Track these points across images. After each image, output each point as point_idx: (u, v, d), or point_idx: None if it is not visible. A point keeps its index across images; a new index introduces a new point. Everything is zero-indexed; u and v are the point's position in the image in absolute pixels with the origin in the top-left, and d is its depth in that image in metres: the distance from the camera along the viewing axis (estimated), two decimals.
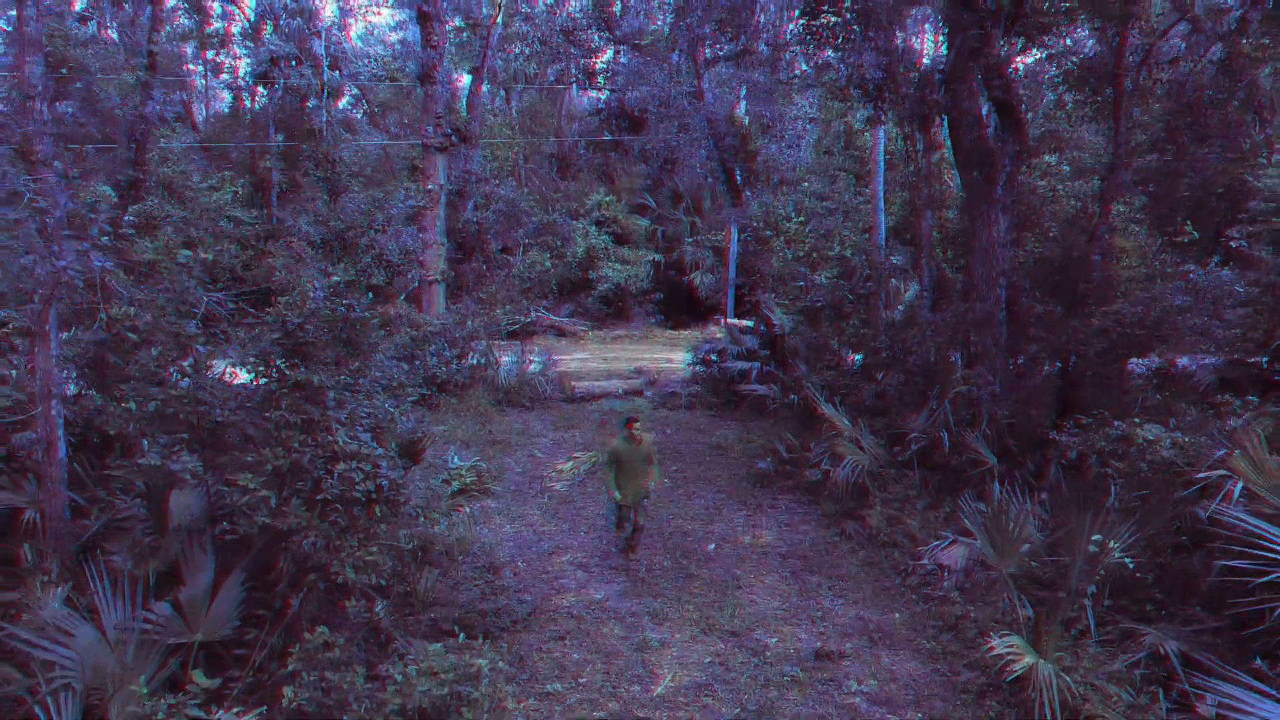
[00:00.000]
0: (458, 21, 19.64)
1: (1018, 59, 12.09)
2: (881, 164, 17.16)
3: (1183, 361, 14.71)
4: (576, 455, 13.77)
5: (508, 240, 21.25)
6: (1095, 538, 6.82)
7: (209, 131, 30.02)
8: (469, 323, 16.02)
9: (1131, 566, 6.69)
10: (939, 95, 12.35)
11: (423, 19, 16.41)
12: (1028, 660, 6.28)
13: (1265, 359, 13.06)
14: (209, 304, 6.05)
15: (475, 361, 16.75)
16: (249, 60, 28.40)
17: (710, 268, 26.64)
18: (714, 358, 18.08)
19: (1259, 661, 5.53)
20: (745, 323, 19.76)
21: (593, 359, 22.17)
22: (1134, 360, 12.23)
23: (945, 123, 12.75)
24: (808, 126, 19.58)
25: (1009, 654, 6.30)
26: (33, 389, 6.72)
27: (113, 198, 12.17)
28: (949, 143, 13.00)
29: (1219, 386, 12.56)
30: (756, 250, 16.05)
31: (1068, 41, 12.66)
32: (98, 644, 4.99)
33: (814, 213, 21.96)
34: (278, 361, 5.37)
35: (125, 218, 8.13)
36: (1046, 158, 14.05)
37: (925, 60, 12.73)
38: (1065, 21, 11.81)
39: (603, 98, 30.36)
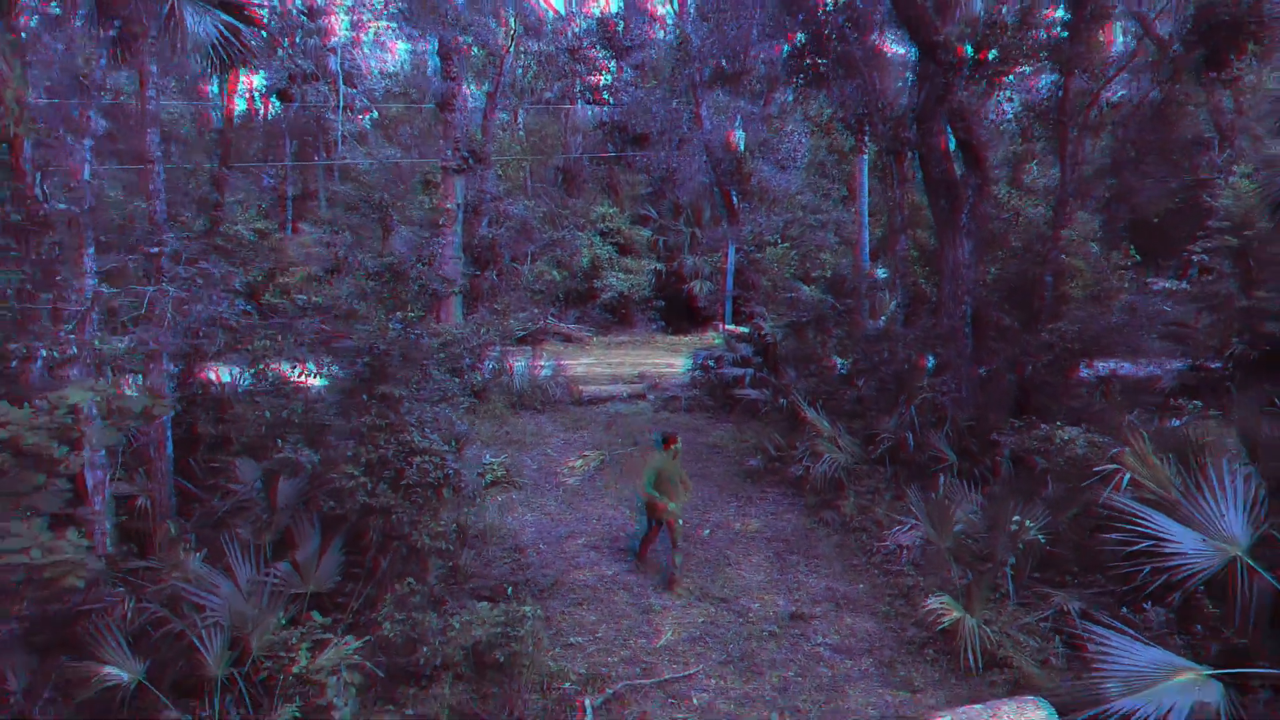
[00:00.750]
0: (475, 50, 21.23)
1: (979, 102, 13.72)
2: (865, 186, 18.83)
3: (1151, 368, 16.39)
4: (586, 454, 15.44)
5: (517, 253, 22.93)
6: (1015, 518, 8.50)
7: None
8: (484, 331, 17.66)
9: (1043, 541, 8.37)
10: (910, 133, 14.00)
11: (443, 55, 18.06)
12: (955, 615, 7.95)
13: (1219, 365, 14.70)
14: (306, 330, 7.67)
15: (491, 368, 18.40)
16: (263, 74, 30.13)
17: (709, 276, 28.34)
18: (711, 364, 19.72)
19: (1125, 610, 7.19)
20: (741, 329, 21.42)
21: (598, 364, 23.81)
22: (1102, 365, 13.89)
23: (916, 157, 14.42)
24: (803, 141, 21.23)
25: (940, 609, 7.97)
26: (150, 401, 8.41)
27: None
28: (920, 174, 14.69)
29: (1179, 391, 14.24)
30: (750, 265, 17.73)
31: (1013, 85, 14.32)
32: (235, 594, 6.64)
33: (806, 226, 23.72)
34: (365, 376, 7.03)
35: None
36: (1005, 187, 15.67)
37: (902, 99, 14.32)
38: (1020, 70, 13.47)
39: (606, 110, 32.05)
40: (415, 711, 6.15)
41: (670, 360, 23.74)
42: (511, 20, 20.74)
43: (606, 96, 30.14)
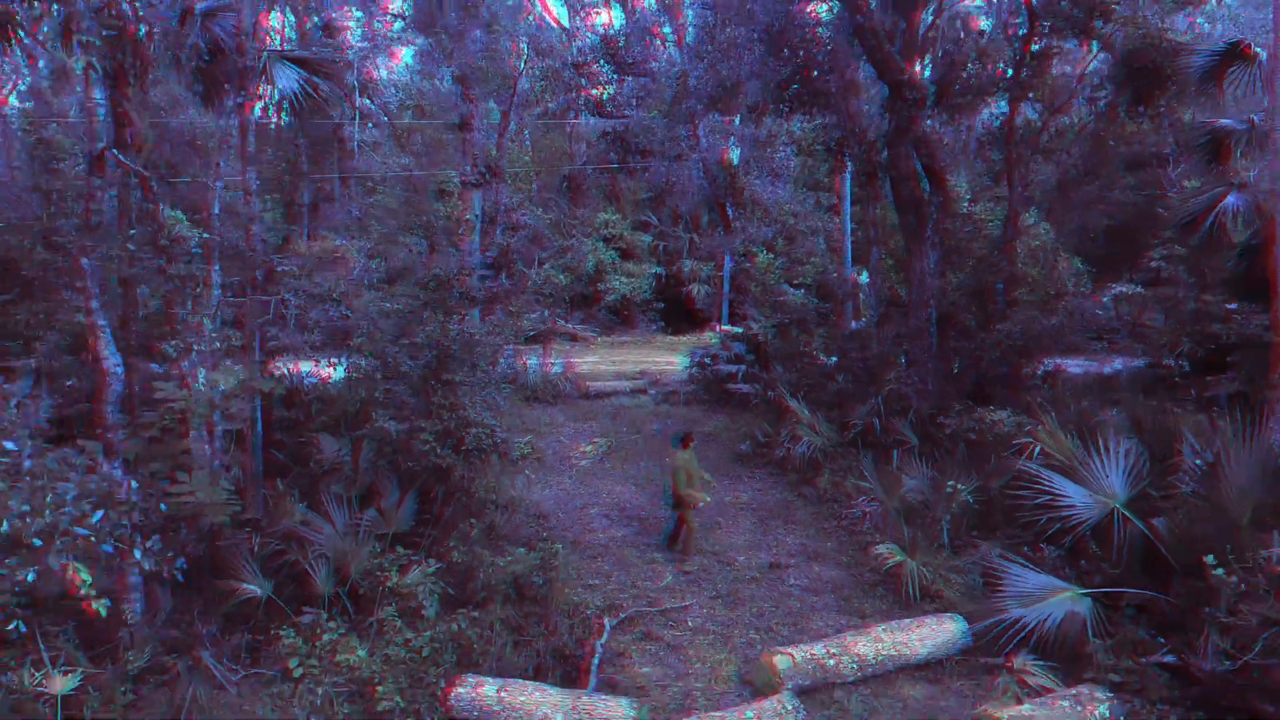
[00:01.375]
0: (489, 74, 23.24)
1: (941, 130, 15.80)
2: (848, 199, 20.91)
3: (1116, 364, 18.45)
4: (595, 441, 17.50)
5: (528, 259, 25.02)
6: (951, 484, 10.57)
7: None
8: (502, 331, 19.68)
9: (972, 501, 10.45)
10: (882, 157, 16.11)
11: (462, 82, 20.11)
12: (899, 559, 10.02)
13: (1173, 362, 16.72)
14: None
15: (506, 364, 20.48)
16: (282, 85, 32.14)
17: (706, 280, 30.45)
18: (708, 361, 21.79)
19: (1026, 549, 9.26)
20: (735, 330, 23.50)
21: (602, 362, 25.88)
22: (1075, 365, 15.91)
23: (888, 178, 16.50)
24: (791, 158, 23.31)
25: (886, 554, 10.05)
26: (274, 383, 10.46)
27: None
28: (891, 193, 16.77)
29: (1133, 385, 16.29)
30: (741, 271, 19.82)
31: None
32: (334, 533, 8.67)
33: (797, 233, 25.79)
34: (433, 366, 9.07)
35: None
36: (965, 204, 17.72)
37: (876, 126, 16.39)
38: (975, 103, 15.57)
39: (608, 121, 34.09)
40: (477, 616, 8.18)
41: (670, 359, 25.80)
42: (524, 46, 22.78)
43: (610, 109, 32.19)
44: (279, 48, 10.14)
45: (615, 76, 31.72)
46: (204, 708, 6.89)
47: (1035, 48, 14.24)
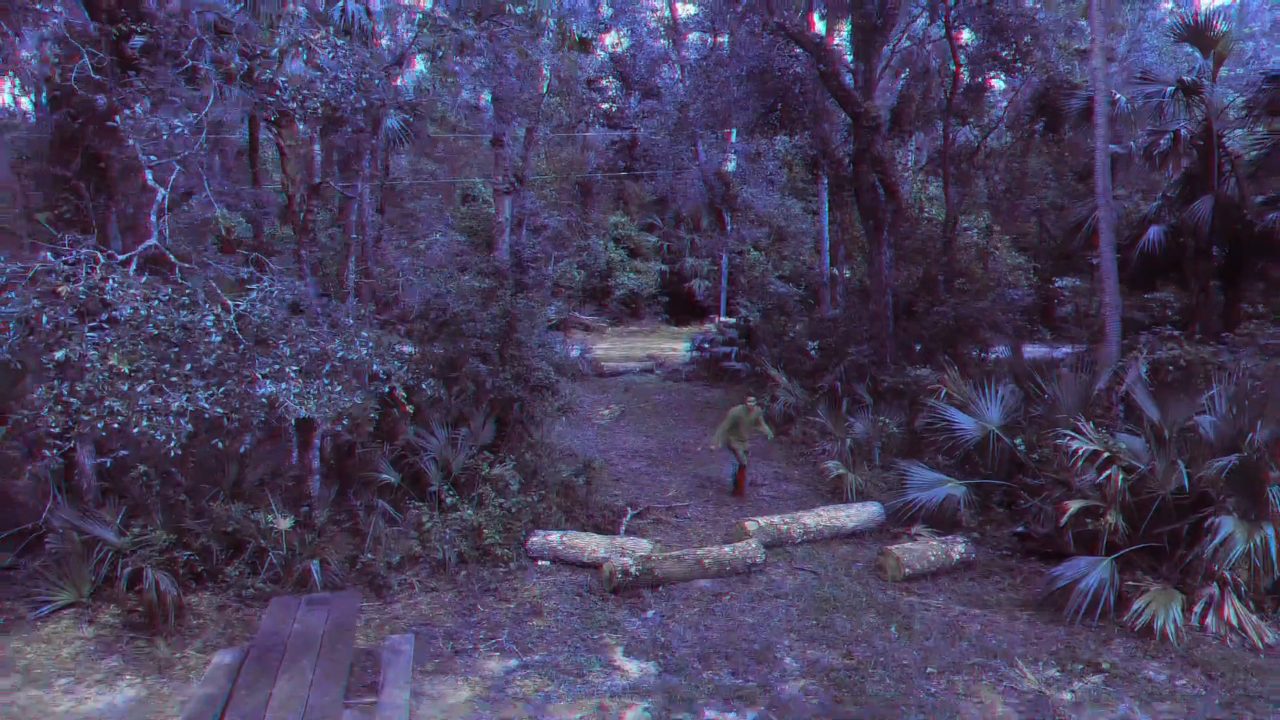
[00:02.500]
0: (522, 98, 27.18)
1: (894, 151, 19.80)
2: (826, 205, 24.93)
3: (1064, 350, 22.47)
4: (611, 407, 21.52)
5: (549, 257, 29.09)
6: (883, 420, 14.59)
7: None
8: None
9: (898, 432, 14.45)
10: (848, 172, 20.13)
11: (497, 103, 24.16)
12: (840, 472, 14.04)
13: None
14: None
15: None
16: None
17: (706, 276, 34.46)
18: (706, 344, 25.86)
19: (925, 459, 13.26)
20: (730, 320, 27.56)
21: (614, 348, 29.93)
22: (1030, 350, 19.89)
23: (853, 190, 20.50)
24: (780, 171, 27.35)
25: (833, 469, 14.07)
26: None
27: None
28: (856, 202, 20.78)
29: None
30: (734, 268, 23.86)
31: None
32: (438, 444, 12.65)
33: (787, 235, 29.85)
34: (505, 329, 13.07)
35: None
36: (924, 210, 21.75)
37: (843, 147, 20.39)
38: (924, 127, 19.59)
39: (618, 131, 38.14)
40: (544, 495, 12.21)
41: (674, 345, 29.84)
42: (546, 70, 26.72)
43: (619, 121, 36.24)
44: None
45: (623, 92, 35.88)
46: (377, 538, 10.90)
47: (966, 84, 18.24)
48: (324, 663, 7.41)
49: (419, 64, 33.97)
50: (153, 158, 7.02)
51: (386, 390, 9.01)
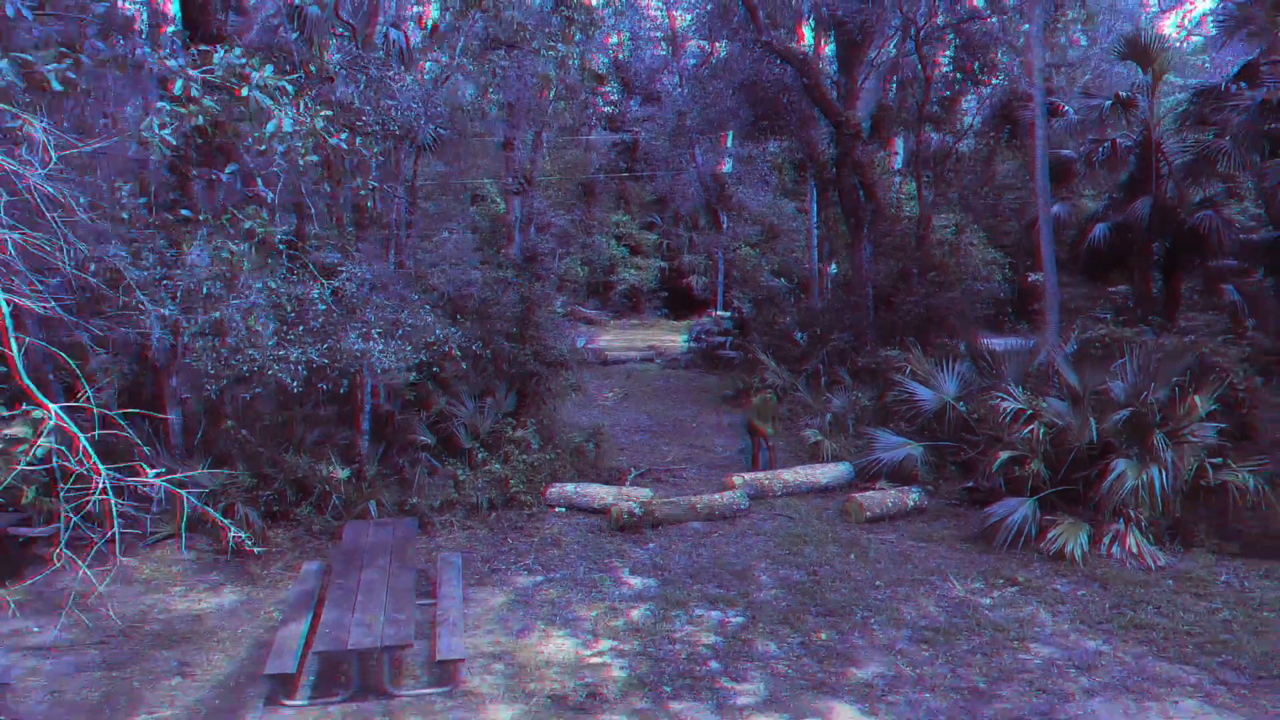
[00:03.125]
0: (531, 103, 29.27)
1: (873, 155, 21.92)
2: (815, 204, 27.06)
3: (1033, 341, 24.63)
4: (615, 390, 23.68)
5: (555, 254, 31.21)
6: (856, 394, 16.73)
7: None
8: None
9: (868, 404, 16.58)
10: (831, 175, 22.28)
11: (510, 109, 26.24)
12: (818, 439, 16.17)
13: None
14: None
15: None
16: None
17: (704, 272, 36.59)
18: (702, 335, 28.01)
19: (890, 425, 15.40)
20: (726, 313, 29.72)
21: (616, 340, 32.06)
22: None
23: (836, 191, 22.64)
24: (771, 173, 29.49)
25: (811, 437, 16.21)
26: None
27: None
28: (839, 202, 22.92)
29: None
30: (728, 263, 26.02)
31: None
32: (467, 411, 14.79)
33: (780, 232, 32.00)
34: (524, 311, 15.19)
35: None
36: (903, 209, 23.87)
37: (827, 151, 22.52)
38: (900, 134, 21.74)
39: (619, 134, 40.27)
40: (554, 456, 14.33)
41: (672, 337, 31.97)
42: (552, 73, 28.80)
43: (620, 124, 38.34)
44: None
45: (624, 96, 38.00)
46: (420, 486, 13.05)
47: (936, 95, 20.40)
48: (396, 560, 9.54)
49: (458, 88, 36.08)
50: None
51: (445, 350, 11.05)
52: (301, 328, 8.19)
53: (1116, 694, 8.52)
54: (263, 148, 6.30)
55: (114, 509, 4.68)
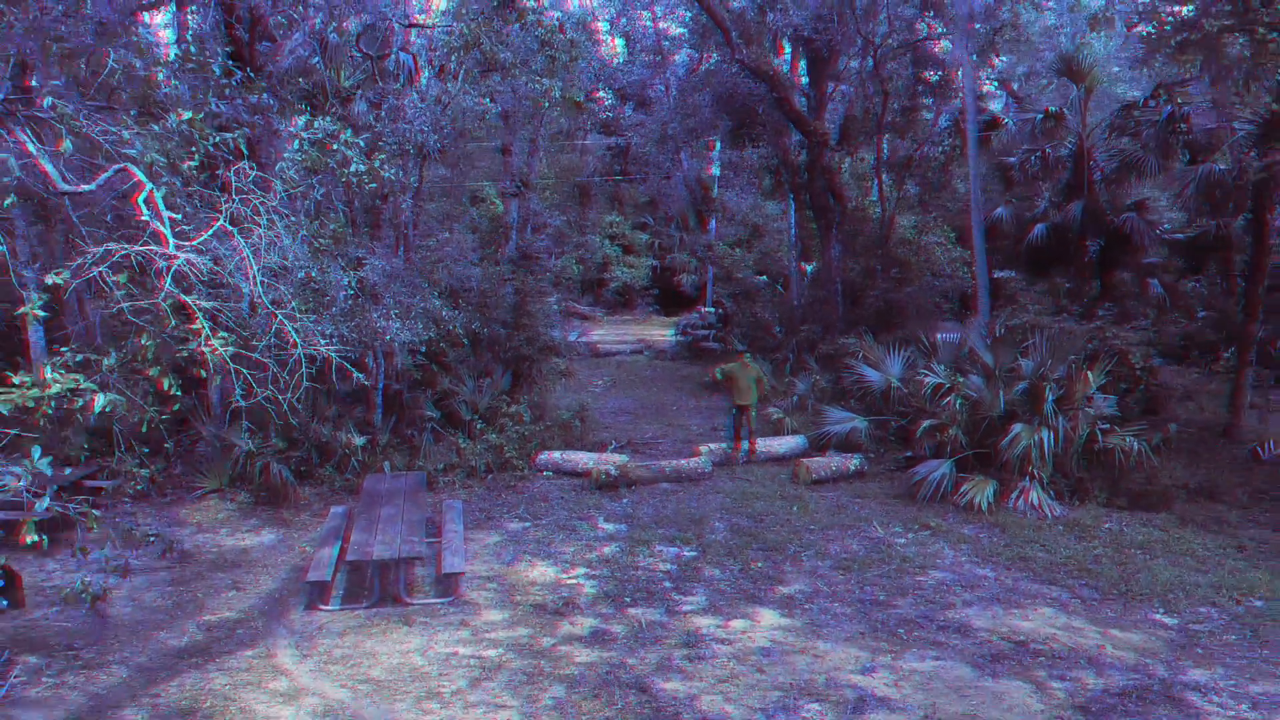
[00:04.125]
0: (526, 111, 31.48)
1: (840, 162, 24.09)
2: (793, 206, 29.26)
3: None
4: (604, 379, 25.88)
5: (550, 253, 33.42)
6: (815, 377, 18.90)
7: None
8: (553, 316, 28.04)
9: (826, 385, 18.76)
10: (803, 180, 24.47)
11: (505, 117, 28.44)
12: (780, 416, 18.35)
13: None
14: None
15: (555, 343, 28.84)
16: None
17: (693, 270, 38.77)
18: (688, 329, 30.21)
19: (841, 403, 17.57)
20: (712, 309, 31.93)
21: (609, 335, 34.24)
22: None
23: (808, 194, 24.82)
24: (753, 178, 31.69)
25: (773, 413, 18.39)
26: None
27: None
28: (810, 205, 25.10)
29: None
30: (709, 260, 28.22)
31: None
32: (468, 390, 16.95)
33: (764, 231, 34.18)
34: (518, 301, 17.34)
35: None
36: (875, 211, 26.05)
37: (799, 158, 24.70)
38: (866, 142, 23.92)
39: (612, 137, 42.45)
40: (544, 428, 16.51)
41: (662, 332, 34.13)
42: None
43: (613, 128, 40.49)
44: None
45: (619, 102, 40.17)
46: (426, 452, 15.23)
47: (895, 108, 22.58)
48: (409, 501, 11.73)
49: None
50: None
51: (450, 329, 13.22)
52: (335, 309, 10.32)
53: (990, 604, 10.71)
54: (344, 179, 8.28)
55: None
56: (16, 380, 4.76)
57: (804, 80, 25.08)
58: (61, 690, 8.63)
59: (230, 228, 5.52)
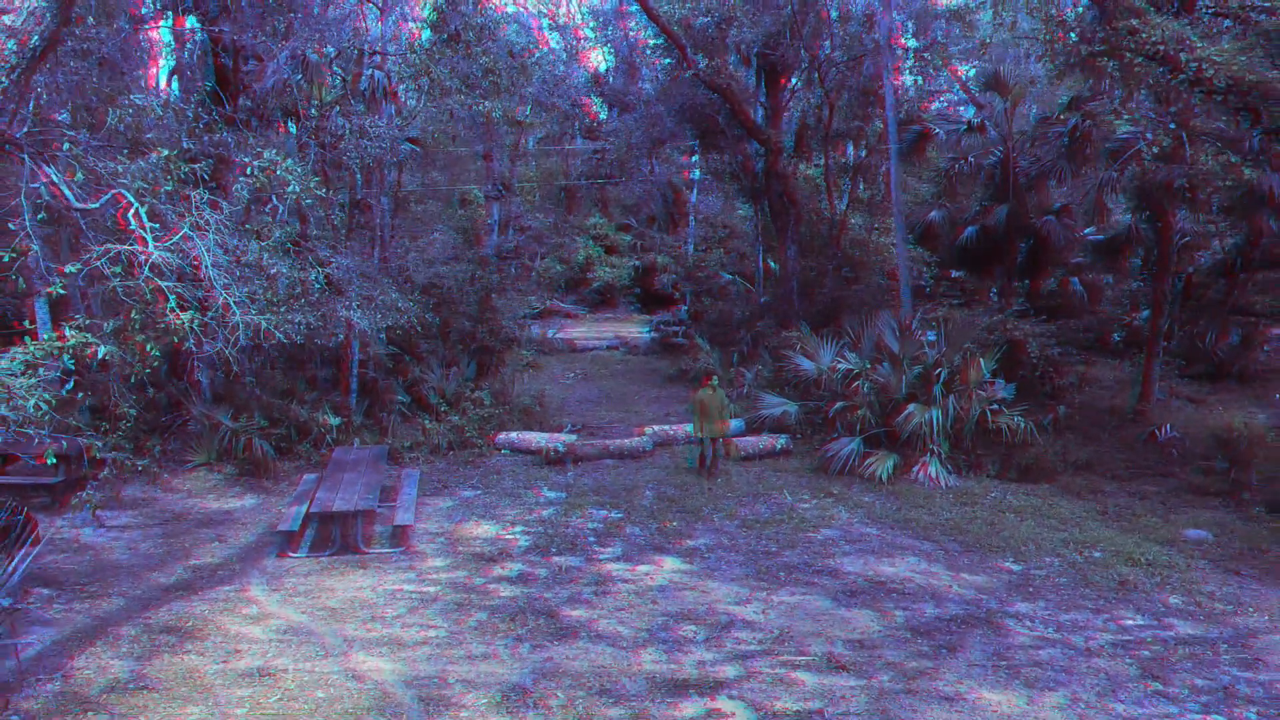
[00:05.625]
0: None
1: (795, 168, 25.94)
2: (753, 208, 31.08)
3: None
4: (577, 370, 27.79)
5: (532, 253, 35.35)
6: (758, 367, 20.76)
7: None
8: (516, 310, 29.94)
9: (767, 374, 20.62)
10: (760, 185, 26.33)
11: (487, 126, 30.39)
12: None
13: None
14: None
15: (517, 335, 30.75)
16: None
17: (672, 270, 40.65)
18: (660, 325, 32.11)
19: (779, 390, 19.44)
20: (684, 308, 33.84)
21: (589, 331, 36.13)
22: None
23: (766, 199, 26.65)
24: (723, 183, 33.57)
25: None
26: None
27: None
28: (768, 208, 26.94)
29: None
30: (674, 258, 30.11)
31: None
32: (435, 378, 18.84)
33: (737, 231, 36.06)
34: (484, 295, 19.24)
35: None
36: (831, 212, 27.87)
37: (756, 164, 26.55)
38: (821, 148, 25.80)
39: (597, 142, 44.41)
40: (504, 411, 18.41)
41: (638, 330, 36.00)
42: (529, 93, 32.96)
43: (597, 134, 42.43)
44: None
45: (604, 106, 42.09)
46: (394, 431, 17.14)
47: (844, 116, 24.44)
48: (369, 469, 13.65)
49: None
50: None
51: (406, 319, 15.11)
52: (304, 300, 12.18)
53: (865, 555, 12.57)
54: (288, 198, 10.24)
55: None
56: (34, 343, 6.58)
57: (762, 94, 26.93)
58: (69, 614, 10.54)
59: (191, 234, 7.35)
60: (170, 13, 14.62)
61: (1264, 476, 14.83)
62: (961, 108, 29.93)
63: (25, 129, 7.39)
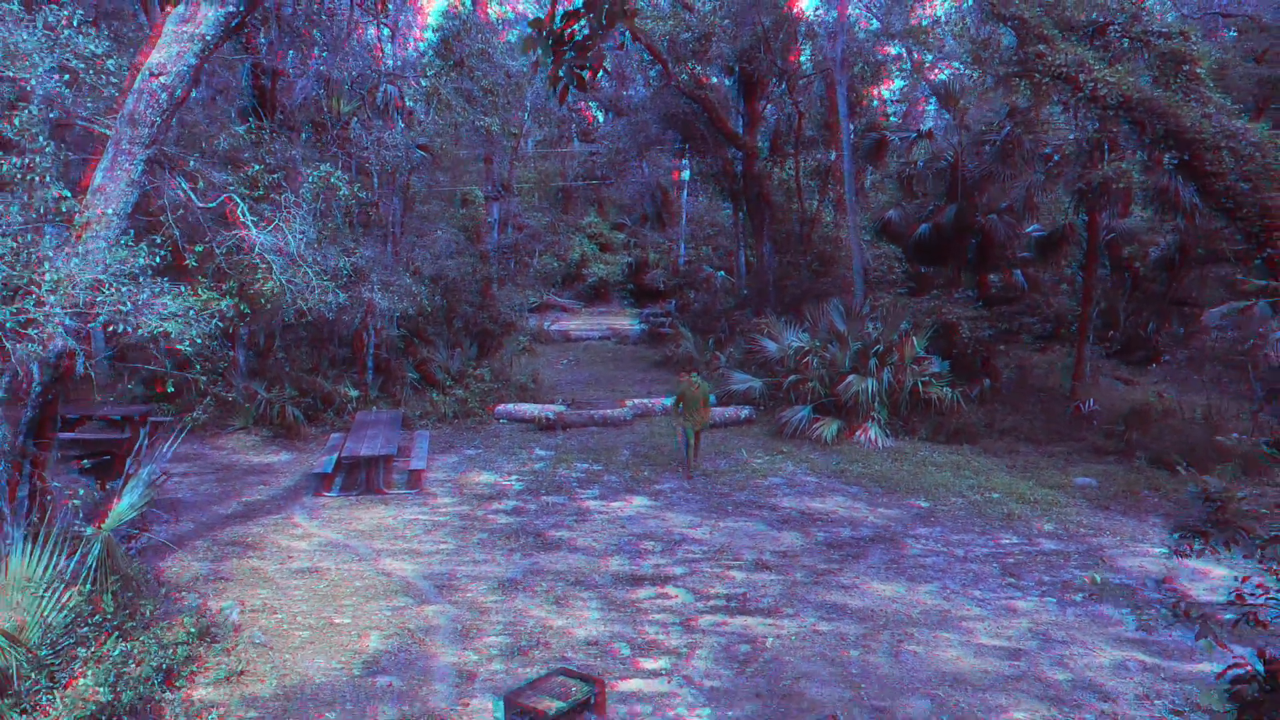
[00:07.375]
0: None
1: (770, 170, 28.67)
2: (733, 207, 33.81)
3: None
4: (569, 358, 30.53)
5: (530, 250, 38.12)
6: (730, 350, 23.49)
7: None
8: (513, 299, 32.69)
9: (739, 356, 23.35)
10: (739, 186, 29.06)
11: (488, 134, 33.10)
12: (698, 380, 22.96)
13: None
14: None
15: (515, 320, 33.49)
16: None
17: (664, 266, 43.40)
18: (650, 317, 34.86)
19: (746, 370, 22.17)
20: (673, 300, 36.59)
21: (584, 324, 38.91)
22: None
23: (744, 199, 29.38)
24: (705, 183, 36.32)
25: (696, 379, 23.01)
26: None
27: None
28: (747, 208, 29.67)
29: None
30: (662, 253, 32.85)
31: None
32: (442, 358, 21.56)
33: (724, 230, 38.80)
34: (484, 286, 21.94)
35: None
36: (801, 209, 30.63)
37: (735, 167, 29.28)
38: (795, 154, 28.52)
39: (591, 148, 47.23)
40: (501, 385, 21.13)
41: (630, 322, 38.83)
42: (528, 101, 35.79)
43: (593, 137, 45.24)
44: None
45: (600, 110, 44.85)
46: (406, 401, 19.88)
47: (815, 123, 27.18)
48: (388, 427, 16.40)
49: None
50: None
51: (421, 302, 17.81)
52: (333, 282, 14.90)
53: (801, 496, 15.30)
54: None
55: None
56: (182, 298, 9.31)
57: (741, 102, 29.67)
58: (151, 536, 13.28)
59: (281, 225, 10.08)
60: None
61: (1152, 435, 17.52)
62: (929, 118, 32.71)
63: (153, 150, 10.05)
